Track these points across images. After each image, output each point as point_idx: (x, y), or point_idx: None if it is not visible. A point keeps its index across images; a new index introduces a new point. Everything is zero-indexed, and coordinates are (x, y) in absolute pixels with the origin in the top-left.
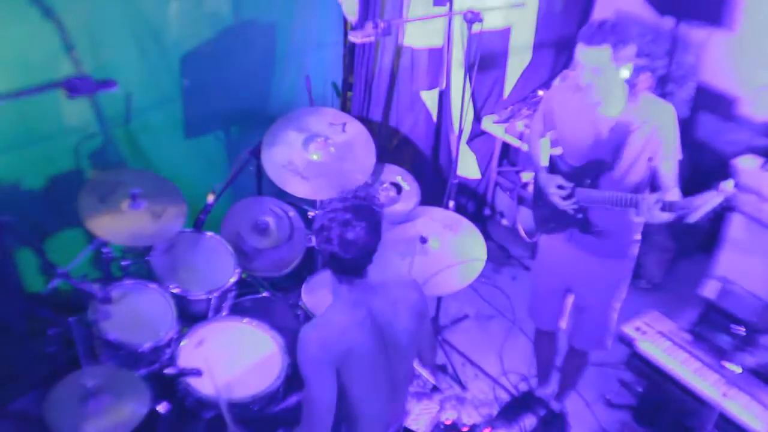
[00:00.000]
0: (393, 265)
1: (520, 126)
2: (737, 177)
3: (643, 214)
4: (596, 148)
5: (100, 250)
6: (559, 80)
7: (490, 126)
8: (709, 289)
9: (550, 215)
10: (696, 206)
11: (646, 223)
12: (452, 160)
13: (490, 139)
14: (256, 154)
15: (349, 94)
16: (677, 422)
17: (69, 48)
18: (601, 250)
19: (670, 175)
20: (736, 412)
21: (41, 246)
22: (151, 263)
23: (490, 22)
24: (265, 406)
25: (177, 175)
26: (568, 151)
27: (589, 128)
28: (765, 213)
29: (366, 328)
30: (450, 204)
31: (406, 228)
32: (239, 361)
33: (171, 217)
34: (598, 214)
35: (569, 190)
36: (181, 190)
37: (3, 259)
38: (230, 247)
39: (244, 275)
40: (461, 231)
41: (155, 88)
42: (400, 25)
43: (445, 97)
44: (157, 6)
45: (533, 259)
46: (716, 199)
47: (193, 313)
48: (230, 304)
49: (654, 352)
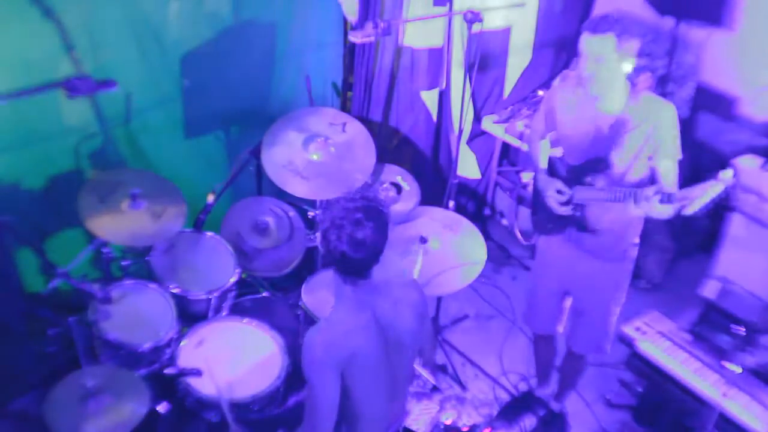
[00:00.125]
0: (393, 265)
1: (520, 126)
2: (737, 177)
3: (641, 207)
4: (596, 146)
5: (100, 250)
6: (559, 80)
7: (490, 126)
8: (709, 289)
9: (548, 216)
10: (694, 196)
11: (646, 222)
12: (452, 160)
13: (490, 139)
14: (256, 154)
15: (349, 94)
16: (677, 422)
17: (69, 48)
18: (599, 253)
19: (670, 175)
20: (736, 412)
21: (41, 246)
22: (151, 263)
23: (490, 22)
24: (265, 406)
25: (177, 175)
26: (568, 150)
27: (588, 125)
28: (765, 213)
29: (370, 330)
30: (450, 204)
31: (406, 228)
32: (239, 361)
33: (171, 217)
34: (596, 214)
35: (567, 196)
36: (181, 190)
37: (3, 259)
38: (230, 247)
39: (244, 275)
40: (461, 231)
41: (155, 88)
42: (400, 25)
43: (445, 97)
44: (157, 6)
45: (533, 260)
46: (715, 189)
47: (193, 313)
48: (230, 304)
49: (654, 352)
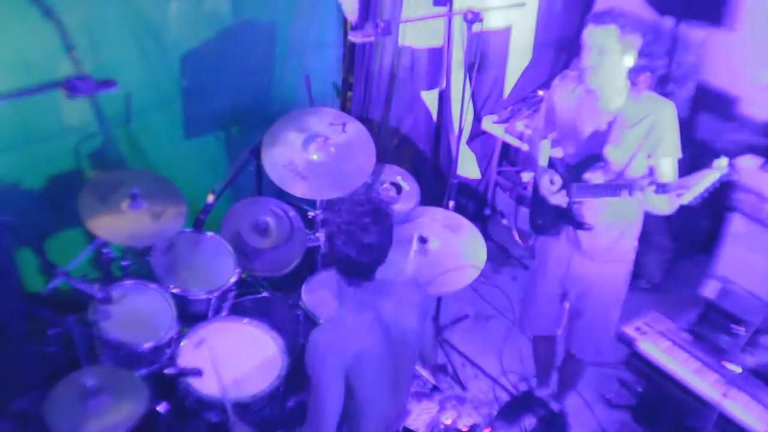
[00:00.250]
0: (394, 265)
1: (520, 126)
2: (737, 177)
3: (636, 197)
4: (595, 143)
5: (100, 250)
6: (559, 79)
7: (490, 126)
8: (709, 289)
9: (545, 215)
10: (690, 185)
11: (646, 222)
12: (452, 160)
13: (490, 139)
14: (256, 154)
15: (349, 94)
16: (677, 422)
17: (69, 48)
18: (598, 254)
19: (669, 174)
20: (736, 412)
21: (41, 246)
22: (151, 263)
23: (490, 22)
24: (265, 406)
25: (177, 175)
26: (568, 148)
27: (588, 122)
28: (765, 213)
29: (374, 330)
30: (450, 204)
31: (406, 228)
32: (239, 361)
33: (171, 217)
34: (594, 213)
35: (559, 184)
36: (181, 190)
37: (3, 259)
38: (230, 247)
39: (244, 275)
40: (461, 231)
41: (155, 88)
42: (400, 25)
43: (445, 97)
44: (157, 6)
45: (533, 259)
46: (710, 177)
47: (193, 313)
48: (230, 304)
49: (654, 352)
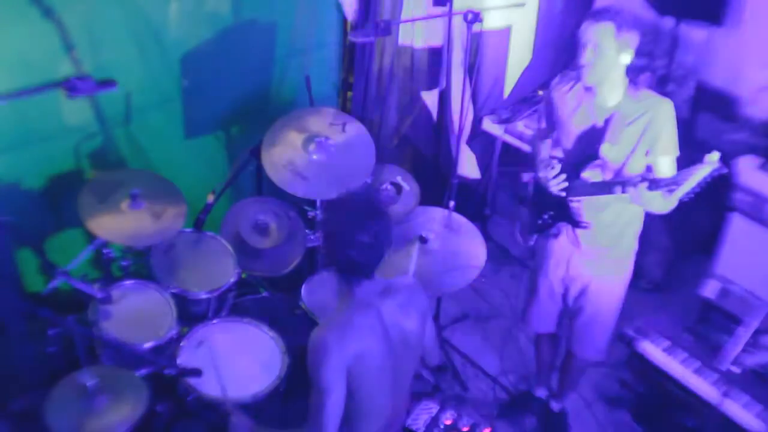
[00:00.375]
0: (395, 265)
1: (520, 126)
2: (737, 177)
3: (629, 193)
4: (593, 141)
5: (100, 250)
6: (558, 78)
7: (490, 126)
8: (709, 289)
9: (544, 212)
10: (682, 181)
11: (646, 222)
12: (452, 160)
13: (490, 139)
14: (256, 154)
15: (349, 94)
16: (677, 422)
17: (69, 48)
18: (598, 254)
19: (668, 172)
20: (736, 412)
21: (41, 246)
22: (151, 263)
23: (490, 22)
24: (265, 406)
25: (177, 175)
26: (566, 146)
27: (586, 120)
28: (765, 213)
29: (376, 330)
30: (450, 204)
31: (407, 228)
32: (239, 361)
33: (171, 217)
34: (591, 212)
35: (559, 167)
36: (181, 190)
37: (3, 259)
38: (230, 247)
39: (244, 275)
40: (461, 231)
41: (155, 88)
42: (400, 25)
43: (445, 97)
44: (157, 6)
45: (533, 259)
46: (702, 172)
47: (193, 313)
48: (230, 304)
49: (654, 352)
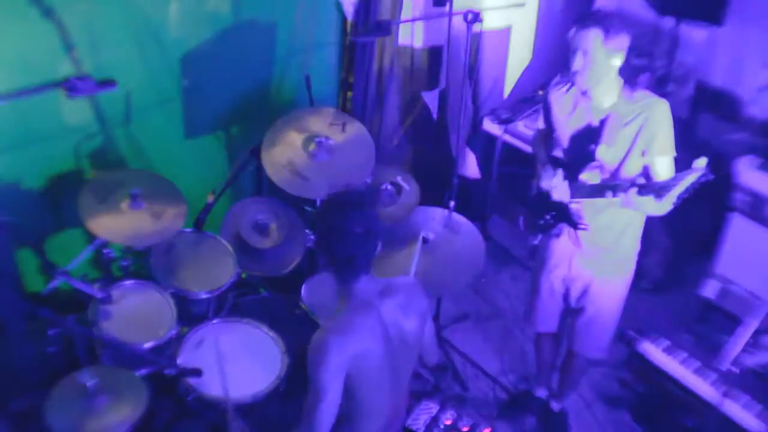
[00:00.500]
0: (393, 265)
1: (520, 126)
2: (737, 177)
3: (621, 198)
4: (589, 142)
5: (100, 250)
6: (556, 80)
7: (490, 126)
8: (709, 289)
9: (545, 213)
10: (671, 186)
11: (646, 222)
12: (452, 160)
13: (491, 139)
14: (256, 154)
15: (349, 94)
16: (677, 422)
17: (69, 48)
18: (599, 253)
19: (664, 172)
20: (735, 412)
21: (41, 246)
22: (151, 263)
23: (490, 22)
24: (265, 406)
25: (177, 175)
26: (565, 146)
27: (582, 122)
28: (765, 213)
29: (376, 331)
30: (450, 204)
31: (407, 228)
32: (239, 361)
33: (171, 217)
34: (590, 213)
35: (562, 175)
36: (181, 190)
37: (3, 259)
38: (230, 247)
39: (243, 275)
40: (461, 231)
41: (155, 88)
42: (400, 25)
43: (445, 97)
44: (157, 6)
45: (533, 260)
46: (690, 177)
47: (193, 313)
48: (230, 304)
49: (654, 352)
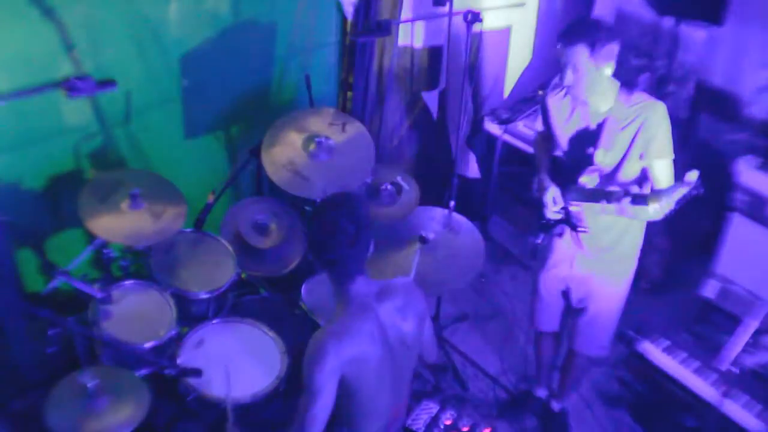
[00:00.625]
0: (393, 266)
1: (520, 126)
2: (737, 177)
3: (615, 206)
4: (587, 146)
5: (100, 250)
6: (555, 82)
7: (491, 126)
8: (709, 289)
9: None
10: (663, 198)
11: (647, 222)
12: (452, 160)
13: (491, 139)
14: (256, 154)
15: (349, 94)
16: (677, 422)
17: (69, 48)
18: (600, 253)
19: (663, 175)
20: (735, 412)
21: (41, 246)
22: (151, 263)
23: (490, 22)
24: (265, 406)
25: (177, 175)
26: (564, 149)
27: (580, 125)
28: (765, 213)
29: (374, 333)
30: (450, 204)
31: (407, 228)
32: (239, 361)
33: (171, 217)
34: (589, 214)
35: (561, 205)
36: (181, 190)
37: (3, 259)
38: (230, 247)
39: (243, 275)
40: (461, 231)
41: (155, 88)
42: (400, 25)
43: (446, 97)
44: (157, 6)
45: (533, 259)
46: (681, 191)
47: (193, 313)
48: (230, 304)
49: (654, 352)
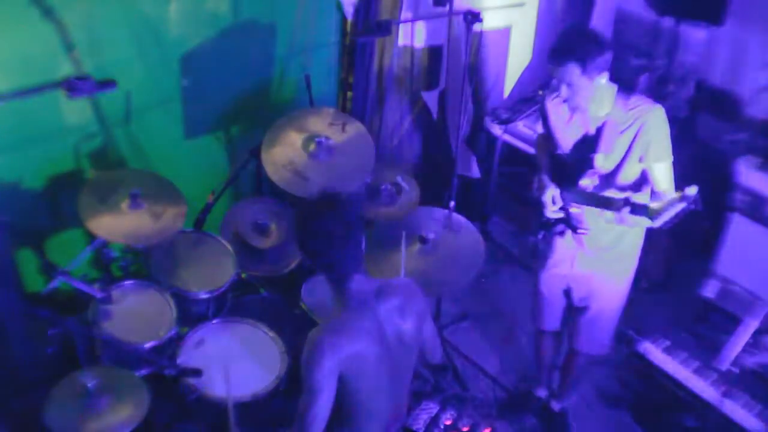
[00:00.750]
0: (392, 265)
1: (520, 126)
2: (737, 177)
3: (614, 215)
4: (586, 149)
5: (100, 250)
6: (553, 85)
7: (490, 126)
8: (709, 289)
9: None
10: (662, 210)
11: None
12: (452, 160)
13: (491, 139)
14: (256, 154)
15: (349, 94)
16: (677, 422)
17: (69, 48)
18: (601, 252)
19: (663, 178)
20: (735, 412)
21: (41, 246)
22: (151, 263)
23: (490, 22)
24: (265, 406)
25: (177, 175)
26: (565, 151)
27: (579, 129)
28: (765, 213)
29: (372, 333)
30: (450, 204)
31: (407, 228)
32: (239, 361)
33: (171, 217)
34: (589, 215)
35: (559, 205)
36: (181, 190)
37: (3, 259)
38: (230, 247)
39: (243, 275)
40: (461, 231)
41: (155, 88)
42: (400, 25)
43: (445, 97)
44: (157, 6)
45: (533, 259)
46: (680, 206)
47: (193, 313)
48: (230, 304)
49: (654, 352)
